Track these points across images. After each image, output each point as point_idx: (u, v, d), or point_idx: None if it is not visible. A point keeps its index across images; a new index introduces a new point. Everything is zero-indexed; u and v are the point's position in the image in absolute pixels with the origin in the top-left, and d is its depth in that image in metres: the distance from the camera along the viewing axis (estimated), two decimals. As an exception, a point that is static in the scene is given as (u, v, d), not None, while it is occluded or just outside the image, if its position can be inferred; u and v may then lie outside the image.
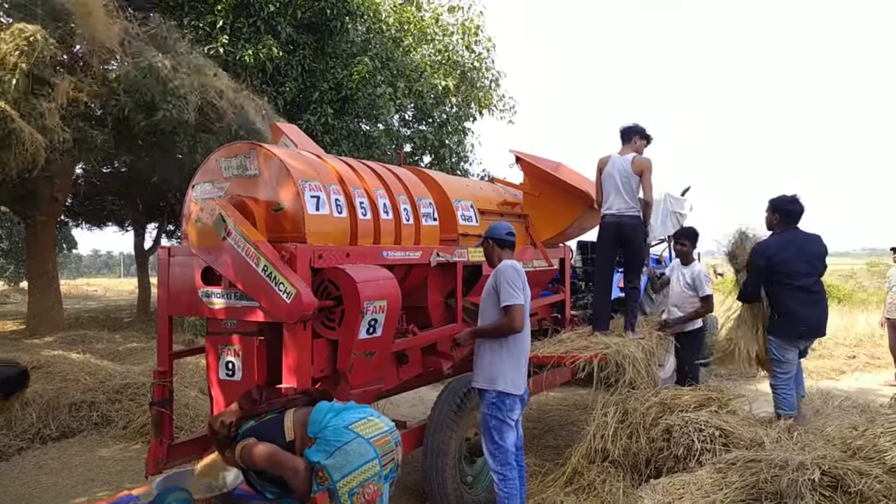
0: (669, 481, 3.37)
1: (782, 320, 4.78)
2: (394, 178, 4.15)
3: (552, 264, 5.73)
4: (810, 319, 4.71)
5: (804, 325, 4.72)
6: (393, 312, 3.45)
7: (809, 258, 4.74)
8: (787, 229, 4.85)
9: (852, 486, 2.85)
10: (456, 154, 11.51)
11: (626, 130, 5.24)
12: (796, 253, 4.73)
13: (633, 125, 5.24)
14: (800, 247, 4.76)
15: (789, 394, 4.77)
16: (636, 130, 5.21)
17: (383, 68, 9.29)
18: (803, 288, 4.69)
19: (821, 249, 4.81)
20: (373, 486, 2.42)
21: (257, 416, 2.75)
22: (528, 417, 6.46)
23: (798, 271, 4.70)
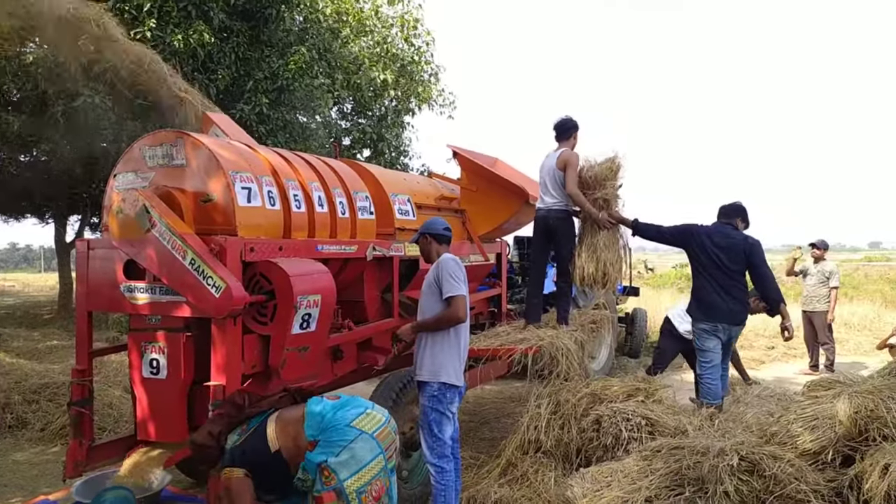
0: (598, 470, 3.47)
1: (697, 302, 5.02)
2: (329, 171, 4.09)
3: (489, 259, 5.79)
4: (723, 303, 4.86)
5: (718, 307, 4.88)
6: (327, 307, 3.40)
7: (733, 248, 4.88)
8: (721, 223, 5.07)
9: (767, 470, 3.00)
10: (395, 148, 11.45)
11: (559, 126, 5.25)
12: (723, 240, 4.91)
13: (563, 120, 5.26)
14: (727, 237, 4.94)
15: (714, 383, 4.94)
16: (567, 125, 5.24)
17: (320, 59, 9.12)
18: (722, 271, 4.86)
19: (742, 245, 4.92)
20: (379, 483, 2.41)
21: (240, 425, 2.66)
22: (465, 411, 6.51)
23: (720, 254, 4.87)
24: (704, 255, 4.93)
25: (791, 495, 2.94)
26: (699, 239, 4.97)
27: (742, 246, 4.91)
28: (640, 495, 3.16)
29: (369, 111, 11.03)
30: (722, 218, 5.13)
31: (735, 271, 4.90)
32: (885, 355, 7.92)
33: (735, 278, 4.90)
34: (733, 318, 4.93)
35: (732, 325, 4.95)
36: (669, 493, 3.17)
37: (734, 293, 4.89)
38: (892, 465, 2.84)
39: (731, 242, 4.91)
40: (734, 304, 4.89)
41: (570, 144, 5.21)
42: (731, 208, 5.13)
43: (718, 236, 4.95)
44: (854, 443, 3.18)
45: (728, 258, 4.88)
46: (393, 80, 10.32)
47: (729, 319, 4.92)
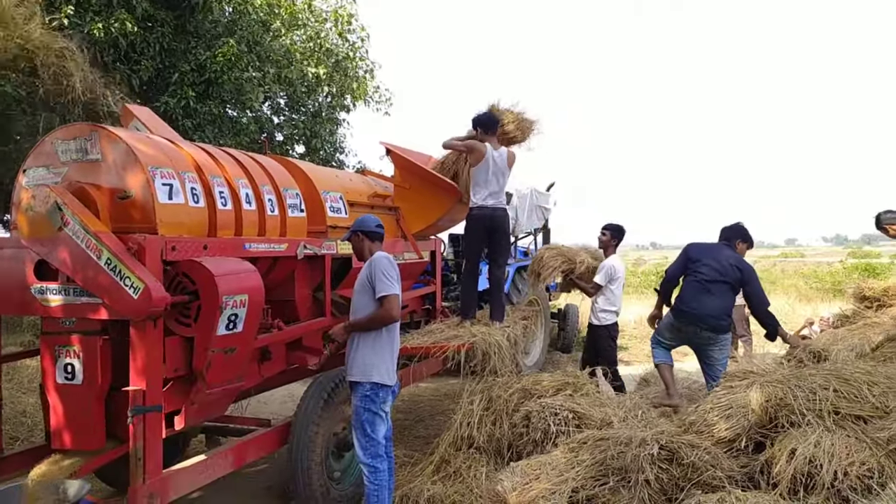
0: (527, 463, 3.53)
1: (675, 301, 5.31)
2: (258, 168, 3.99)
3: (423, 257, 5.80)
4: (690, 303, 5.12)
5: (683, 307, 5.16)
6: (255, 307, 3.32)
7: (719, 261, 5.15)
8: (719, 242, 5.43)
9: (685, 458, 3.14)
10: (330, 144, 11.27)
11: (490, 120, 5.28)
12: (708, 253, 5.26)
13: (487, 114, 5.30)
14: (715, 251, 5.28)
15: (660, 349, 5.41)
16: (496, 121, 5.31)
17: (250, 52, 8.86)
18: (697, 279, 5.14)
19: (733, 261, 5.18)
20: None
21: None
22: (399, 409, 6.50)
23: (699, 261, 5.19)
24: (690, 263, 5.25)
25: (707, 481, 3.09)
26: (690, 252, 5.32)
27: (734, 262, 5.17)
28: (566, 486, 3.24)
29: (303, 107, 10.82)
30: (722, 239, 5.44)
31: (713, 279, 5.08)
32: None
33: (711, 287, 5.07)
34: (696, 321, 5.08)
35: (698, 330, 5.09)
36: (595, 484, 3.27)
37: (705, 299, 5.06)
38: (799, 449, 3.02)
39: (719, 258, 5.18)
40: (700, 309, 5.04)
41: (499, 140, 5.28)
42: (731, 230, 5.45)
43: (707, 250, 5.31)
44: (765, 430, 3.37)
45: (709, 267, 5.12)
46: (327, 75, 10.15)
47: (692, 321, 5.09)
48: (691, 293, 5.14)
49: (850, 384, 3.37)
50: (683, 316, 5.14)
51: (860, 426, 3.18)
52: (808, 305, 13.87)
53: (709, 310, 5.02)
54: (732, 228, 5.47)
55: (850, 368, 3.57)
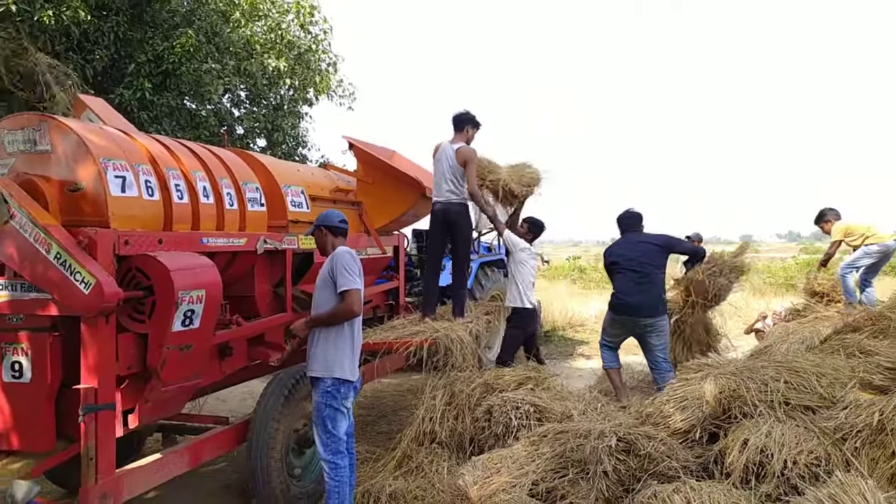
0: (489, 457, 3.56)
1: (611, 297, 5.51)
2: (216, 161, 3.91)
3: (386, 252, 5.77)
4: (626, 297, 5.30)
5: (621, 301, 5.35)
6: (213, 302, 3.26)
7: (639, 248, 5.37)
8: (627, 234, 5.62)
9: (642, 449, 3.21)
10: (293, 138, 11.10)
11: (459, 119, 5.33)
12: (625, 246, 5.48)
13: (465, 113, 5.34)
14: (630, 240, 5.50)
15: (607, 354, 5.59)
16: (468, 119, 5.34)
17: (209, 43, 8.66)
18: (624, 270, 5.33)
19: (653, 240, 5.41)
20: None
21: None
22: (362, 405, 6.47)
23: (623, 255, 5.38)
24: (615, 259, 5.44)
25: (663, 472, 3.16)
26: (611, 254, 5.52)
27: (658, 243, 5.37)
28: (527, 479, 3.28)
29: (264, 100, 10.63)
30: (629, 229, 5.62)
31: (639, 266, 5.27)
32: (752, 339, 8.63)
33: (639, 275, 5.26)
34: (634, 312, 5.29)
35: (637, 318, 5.28)
36: (555, 476, 3.31)
37: (637, 288, 5.24)
38: (751, 439, 3.12)
39: (639, 245, 5.39)
40: (635, 297, 5.24)
41: (465, 138, 5.29)
42: (632, 219, 5.64)
43: (625, 242, 5.51)
44: (719, 420, 3.46)
45: (632, 258, 5.30)
46: (288, 68, 9.98)
47: (630, 312, 5.29)
48: (625, 286, 5.32)
49: (799, 376, 3.49)
50: (622, 308, 5.35)
51: (809, 416, 3.30)
52: (762, 299, 14.27)
53: (645, 299, 5.23)
54: (633, 216, 5.67)
55: (800, 360, 3.69)
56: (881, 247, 6.46)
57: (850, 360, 3.78)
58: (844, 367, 3.60)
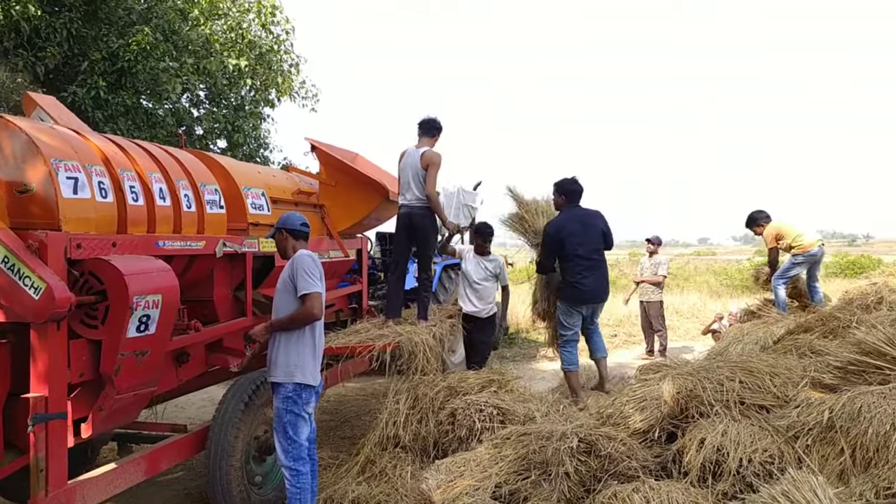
0: (452, 460, 3.56)
1: (567, 286, 5.48)
2: (173, 162, 3.82)
3: (349, 255, 5.73)
4: (588, 285, 5.37)
5: (584, 290, 5.39)
6: (169, 307, 3.18)
7: (590, 231, 5.43)
8: (571, 207, 5.58)
9: (602, 450, 3.24)
10: (254, 140, 10.93)
11: (428, 125, 5.34)
12: (579, 227, 5.43)
13: (433, 119, 5.35)
14: (582, 221, 5.49)
15: (571, 353, 5.55)
16: (435, 125, 5.35)
17: (167, 41, 8.46)
18: (583, 257, 5.36)
19: (599, 223, 5.51)
20: None
21: None
22: (325, 409, 6.41)
23: (580, 242, 5.37)
24: (570, 245, 5.40)
25: (623, 472, 3.20)
26: (566, 237, 5.42)
27: (601, 224, 5.48)
28: (490, 482, 3.28)
29: (224, 100, 10.44)
30: (572, 202, 5.60)
31: (596, 252, 5.39)
32: (709, 340, 8.85)
33: (597, 260, 5.39)
34: (597, 298, 5.45)
35: (597, 303, 5.45)
36: (518, 478, 3.32)
37: (599, 275, 5.39)
38: (708, 438, 3.18)
39: (590, 228, 5.43)
40: (599, 285, 5.39)
41: (431, 144, 5.29)
42: (578, 192, 5.61)
43: (577, 225, 5.43)
44: (677, 420, 3.53)
45: (589, 244, 5.37)
46: (250, 68, 9.83)
47: (594, 300, 5.44)
48: (587, 274, 5.35)
49: (754, 375, 3.59)
50: (586, 296, 5.42)
51: (763, 415, 3.39)
52: (718, 301, 14.64)
53: (606, 283, 5.43)
54: (576, 190, 5.63)
55: (754, 360, 3.79)
56: (806, 256, 6.57)
57: (802, 360, 3.90)
58: (796, 366, 3.72)
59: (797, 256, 6.63)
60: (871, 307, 5.15)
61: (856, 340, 3.60)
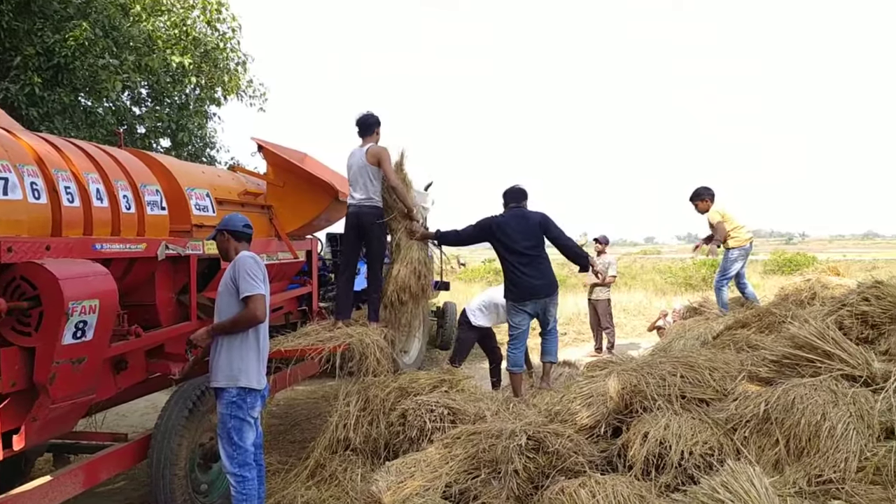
0: (402, 461, 3.55)
1: (508, 284, 5.43)
2: (111, 162, 3.69)
3: (298, 256, 5.65)
4: (527, 280, 5.30)
5: (523, 285, 5.33)
6: (108, 312, 3.07)
7: (525, 225, 5.35)
8: (510, 208, 5.55)
9: (550, 447, 3.30)
10: (199, 139, 10.67)
11: (366, 122, 5.27)
12: (513, 221, 5.38)
13: (370, 115, 5.29)
14: (517, 216, 5.43)
15: (516, 354, 5.48)
16: (375, 121, 5.29)
17: (106, 37, 8.17)
18: (519, 252, 5.29)
19: (537, 219, 5.39)
20: None
21: None
22: (274, 414, 6.31)
23: (512, 237, 5.32)
24: (505, 241, 5.35)
25: (570, 467, 3.26)
26: (497, 229, 5.37)
27: (538, 220, 5.37)
28: (440, 482, 3.29)
29: (168, 98, 10.15)
30: (512, 203, 5.57)
31: (534, 248, 5.31)
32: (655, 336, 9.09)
33: (535, 256, 5.32)
34: (539, 293, 5.35)
35: (540, 298, 5.36)
36: (468, 477, 3.34)
37: (538, 270, 5.32)
38: (651, 432, 3.27)
39: (527, 224, 5.35)
40: (539, 279, 5.31)
41: (375, 140, 5.27)
42: (518, 193, 5.59)
43: (514, 221, 5.38)
44: (622, 415, 3.62)
45: (525, 239, 5.30)
46: (194, 65, 9.59)
47: (536, 295, 5.34)
48: (521, 272, 5.31)
49: (694, 370, 3.71)
50: (531, 292, 5.32)
51: (703, 408, 3.50)
52: (663, 298, 15.05)
53: (543, 279, 5.33)
54: (515, 191, 5.62)
55: (695, 355, 3.92)
56: (741, 250, 6.74)
57: (740, 355, 4.05)
58: (734, 361, 3.86)
59: (733, 251, 6.74)
60: (805, 303, 5.39)
61: (789, 335, 3.76)
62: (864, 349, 3.63)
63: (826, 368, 3.47)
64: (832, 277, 6.07)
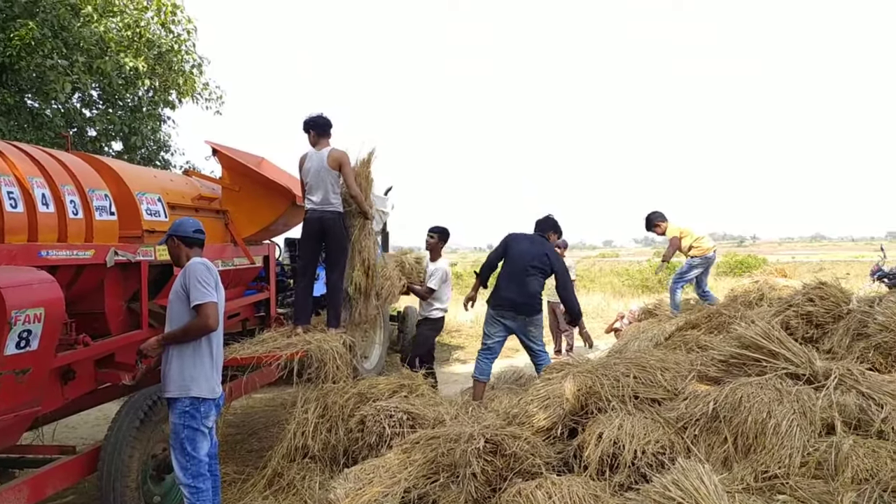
0: (361, 468, 3.53)
1: (492, 292, 5.63)
2: (57, 166, 3.59)
3: (255, 262, 5.57)
4: (505, 292, 5.47)
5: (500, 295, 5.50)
6: (53, 321, 2.98)
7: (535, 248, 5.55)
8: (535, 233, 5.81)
9: (508, 449, 3.32)
10: (153, 142, 10.40)
11: (321, 123, 5.23)
12: (526, 241, 5.61)
13: (323, 117, 5.26)
14: (531, 239, 5.66)
15: (483, 363, 5.59)
16: (327, 122, 5.26)
17: (55, 37, 7.92)
18: (516, 263, 5.46)
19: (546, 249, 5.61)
20: None
21: None
22: (231, 423, 6.19)
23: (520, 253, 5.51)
24: (510, 253, 5.55)
25: (528, 469, 3.30)
26: (511, 241, 5.63)
27: (548, 250, 5.58)
28: (399, 487, 3.29)
29: (120, 100, 9.87)
30: (537, 230, 5.83)
31: (530, 268, 5.43)
32: (612, 338, 9.25)
33: (526, 275, 5.42)
34: (516, 308, 5.43)
35: (518, 315, 5.44)
36: (426, 482, 3.35)
37: (523, 287, 5.41)
38: (605, 432, 3.34)
39: (535, 248, 5.55)
40: (520, 297, 5.40)
41: (329, 143, 5.24)
42: (544, 223, 5.85)
43: (526, 241, 5.62)
44: (578, 416, 3.68)
45: (526, 258, 5.45)
46: (148, 68, 9.36)
47: (513, 308, 5.42)
48: (504, 283, 5.51)
49: (647, 371, 3.79)
50: (502, 303, 5.49)
51: (655, 408, 3.59)
52: (621, 300, 15.35)
53: (524, 297, 5.43)
54: (546, 221, 5.92)
55: (647, 356, 4.01)
56: (703, 259, 7.05)
57: (690, 355, 4.17)
58: (685, 361, 3.97)
59: (695, 259, 7.03)
60: (753, 304, 5.57)
61: (737, 335, 3.88)
62: (807, 348, 3.77)
63: (771, 367, 3.59)
64: (779, 279, 6.29)
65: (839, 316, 4.55)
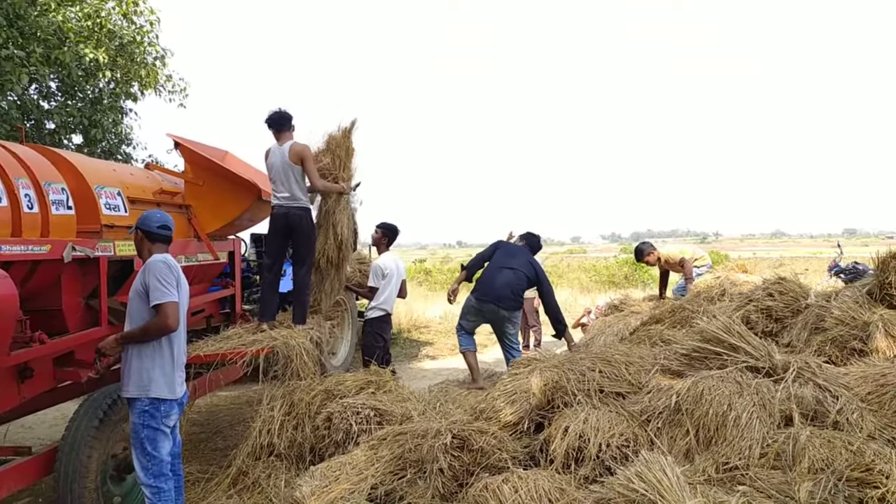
0: (327, 465, 3.50)
1: (475, 284, 5.84)
2: (10, 158, 3.48)
3: (219, 258, 5.48)
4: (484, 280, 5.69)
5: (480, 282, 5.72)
6: (7, 318, 2.90)
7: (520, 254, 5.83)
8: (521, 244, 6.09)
9: (475, 444, 3.33)
10: (115, 135, 10.14)
11: (281, 119, 5.15)
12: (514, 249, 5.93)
13: (284, 112, 5.19)
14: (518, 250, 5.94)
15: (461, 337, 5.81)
16: (286, 117, 5.19)
17: (11, 27, 7.65)
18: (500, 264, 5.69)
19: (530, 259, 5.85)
20: None
21: None
22: (195, 422, 6.08)
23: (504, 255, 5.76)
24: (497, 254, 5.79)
25: (494, 464, 3.31)
26: (500, 244, 5.93)
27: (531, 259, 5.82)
28: (366, 484, 3.27)
29: (80, 92, 9.60)
30: (522, 241, 6.15)
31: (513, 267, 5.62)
32: (579, 333, 9.35)
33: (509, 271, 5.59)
34: (498, 299, 5.55)
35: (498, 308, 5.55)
36: (394, 478, 3.33)
37: (504, 280, 5.56)
38: (571, 426, 3.36)
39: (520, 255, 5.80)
40: (501, 289, 5.54)
41: (292, 137, 5.17)
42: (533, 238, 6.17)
43: (513, 247, 5.93)
44: (544, 411, 3.70)
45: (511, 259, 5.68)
46: (109, 59, 9.10)
47: (495, 298, 5.54)
48: (490, 276, 5.69)
49: (612, 365, 3.84)
50: (484, 295, 5.63)
51: (620, 401, 3.63)
52: (588, 296, 15.52)
53: (504, 290, 5.56)
54: (534, 237, 6.23)
55: (612, 351, 4.06)
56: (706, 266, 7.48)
57: (654, 349, 4.23)
58: (648, 355, 4.02)
59: (701, 269, 7.47)
60: (715, 299, 5.68)
61: (699, 330, 3.95)
62: (767, 342, 3.86)
63: (732, 361, 3.66)
64: (740, 275, 6.42)
65: (798, 310, 4.67)
